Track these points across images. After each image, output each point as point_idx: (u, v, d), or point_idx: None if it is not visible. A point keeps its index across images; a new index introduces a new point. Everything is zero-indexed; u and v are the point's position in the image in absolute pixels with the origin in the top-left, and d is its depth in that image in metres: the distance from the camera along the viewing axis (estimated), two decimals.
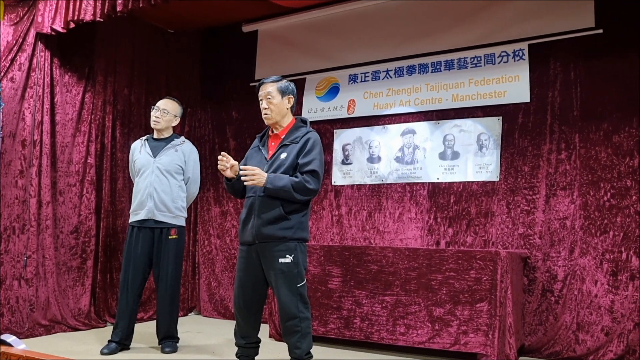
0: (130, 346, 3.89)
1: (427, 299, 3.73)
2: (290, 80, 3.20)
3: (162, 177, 3.86)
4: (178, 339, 3.95)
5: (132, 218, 3.90)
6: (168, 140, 3.99)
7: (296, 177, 2.92)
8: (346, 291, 4.01)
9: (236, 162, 3.05)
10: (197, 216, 5.71)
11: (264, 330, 4.15)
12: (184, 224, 3.97)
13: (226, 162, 3.03)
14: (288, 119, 3.13)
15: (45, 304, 4.36)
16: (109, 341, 3.80)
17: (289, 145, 3.02)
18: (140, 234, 3.85)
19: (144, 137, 4.07)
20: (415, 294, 3.77)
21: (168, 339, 3.88)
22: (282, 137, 3.08)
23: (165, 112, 3.95)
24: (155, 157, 3.90)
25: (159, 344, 3.89)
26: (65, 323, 4.43)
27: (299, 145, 2.99)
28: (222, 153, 3.04)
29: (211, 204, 5.66)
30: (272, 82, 3.10)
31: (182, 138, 4.07)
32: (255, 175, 2.88)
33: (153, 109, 3.98)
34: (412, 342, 3.74)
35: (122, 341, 3.80)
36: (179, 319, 4.02)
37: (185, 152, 3.98)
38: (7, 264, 4.17)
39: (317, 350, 3.66)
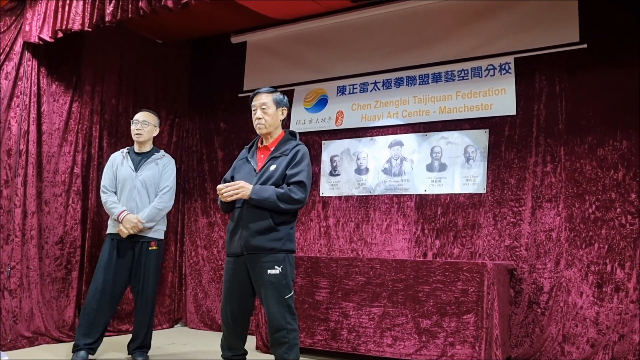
0: (105, 358, 3.88)
1: (414, 310, 3.73)
2: (279, 92, 3.21)
3: (143, 192, 3.90)
4: (149, 348, 3.98)
5: (113, 230, 3.88)
6: (149, 154, 4.02)
7: (282, 187, 2.94)
8: (333, 303, 4.00)
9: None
10: (184, 227, 5.68)
11: (251, 342, 4.13)
12: (162, 237, 4.01)
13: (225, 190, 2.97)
14: (278, 131, 3.17)
15: (29, 316, 4.30)
16: (78, 349, 3.72)
17: (279, 157, 3.04)
18: (121, 245, 3.86)
19: (125, 150, 4.06)
20: (403, 306, 3.77)
21: (142, 348, 3.91)
22: (272, 149, 3.10)
23: (146, 123, 3.98)
24: (136, 171, 3.92)
25: (130, 354, 3.90)
26: (49, 335, 4.37)
27: (289, 157, 3.02)
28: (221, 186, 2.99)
29: (198, 214, 5.63)
30: (268, 92, 3.14)
31: (162, 152, 4.10)
32: (239, 189, 2.90)
33: (132, 123, 4.01)
34: (400, 353, 3.73)
35: (93, 347, 3.77)
36: (165, 330, 4.00)
37: (163, 164, 4.01)
38: None
39: None
